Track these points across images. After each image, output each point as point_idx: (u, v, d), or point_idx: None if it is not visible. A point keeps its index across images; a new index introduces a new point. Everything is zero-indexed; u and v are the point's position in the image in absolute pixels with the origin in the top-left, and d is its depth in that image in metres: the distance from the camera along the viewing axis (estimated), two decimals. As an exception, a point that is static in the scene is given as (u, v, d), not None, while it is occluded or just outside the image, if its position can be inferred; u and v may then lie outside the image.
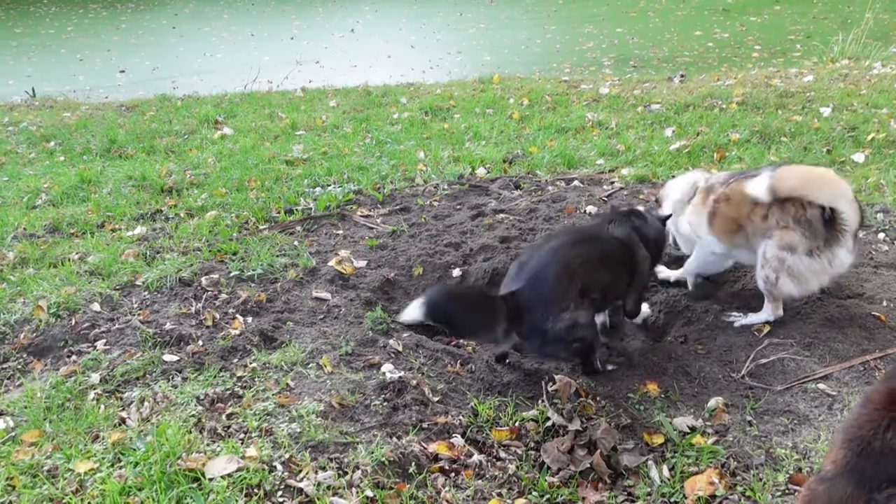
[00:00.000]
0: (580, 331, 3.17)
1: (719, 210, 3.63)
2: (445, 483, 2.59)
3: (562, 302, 3.13)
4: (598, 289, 3.31)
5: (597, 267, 3.32)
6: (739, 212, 3.54)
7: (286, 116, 7.93)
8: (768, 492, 2.50)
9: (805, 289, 3.47)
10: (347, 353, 3.36)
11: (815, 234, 3.33)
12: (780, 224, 3.39)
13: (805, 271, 3.40)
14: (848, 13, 12.62)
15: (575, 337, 3.17)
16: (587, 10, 17.66)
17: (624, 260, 3.47)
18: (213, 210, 5.14)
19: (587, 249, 3.36)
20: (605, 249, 3.43)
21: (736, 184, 3.59)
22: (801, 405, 2.98)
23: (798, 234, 3.35)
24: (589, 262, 3.29)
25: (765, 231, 3.45)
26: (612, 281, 3.43)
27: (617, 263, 3.44)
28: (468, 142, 6.69)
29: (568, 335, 3.15)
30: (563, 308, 3.13)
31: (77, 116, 8.52)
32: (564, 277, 3.17)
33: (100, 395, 3.05)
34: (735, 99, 7.42)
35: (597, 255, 3.37)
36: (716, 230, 3.67)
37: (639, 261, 3.53)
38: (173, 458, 2.56)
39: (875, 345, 3.35)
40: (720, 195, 3.64)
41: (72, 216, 5.13)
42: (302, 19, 18.67)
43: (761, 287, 3.54)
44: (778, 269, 3.42)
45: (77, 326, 3.59)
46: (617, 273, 3.45)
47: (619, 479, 2.64)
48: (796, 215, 3.35)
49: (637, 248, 3.52)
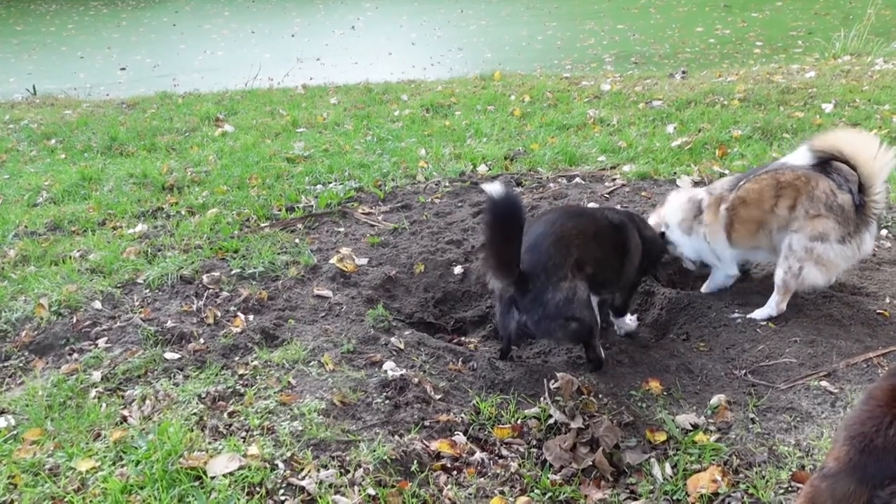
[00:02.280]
0: (579, 308, 3.16)
1: (737, 216, 3.58)
2: (447, 481, 2.58)
3: (559, 271, 3.14)
4: (592, 264, 3.27)
5: (590, 241, 3.31)
6: (761, 208, 3.50)
7: (287, 114, 7.93)
8: (771, 489, 2.49)
9: (831, 277, 3.46)
10: (349, 350, 3.35)
11: (848, 220, 3.32)
12: (810, 213, 3.36)
13: (836, 258, 3.38)
14: (850, 9, 12.60)
15: (573, 314, 3.15)
16: (588, 6, 17.64)
17: (616, 242, 3.46)
18: (215, 208, 5.14)
19: (582, 223, 3.37)
20: (600, 227, 3.43)
21: (749, 184, 3.55)
22: (803, 402, 2.98)
23: (832, 221, 3.32)
24: (584, 234, 3.30)
25: (790, 223, 3.42)
26: (604, 259, 3.39)
27: (610, 244, 3.43)
28: (469, 139, 6.68)
29: (567, 309, 3.13)
30: (561, 277, 3.14)
31: (78, 114, 8.52)
32: (561, 247, 3.18)
33: (101, 393, 3.05)
34: (737, 95, 7.40)
35: (591, 229, 3.37)
36: (736, 239, 3.63)
37: (631, 248, 3.51)
38: (175, 456, 2.56)
39: (878, 342, 3.35)
40: (733, 201, 3.59)
41: (73, 214, 5.12)
42: (303, 16, 18.65)
43: (779, 280, 3.51)
44: (804, 260, 3.40)
45: (78, 324, 3.59)
46: (609, 253, 3.43)
47: (622, 477, 2.63)
48: (828, 202, 3.32)
49: (630, 233, 3.51)
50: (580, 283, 3.18)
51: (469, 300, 4.14)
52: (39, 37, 17.17)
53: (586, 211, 3.61)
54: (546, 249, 3.17)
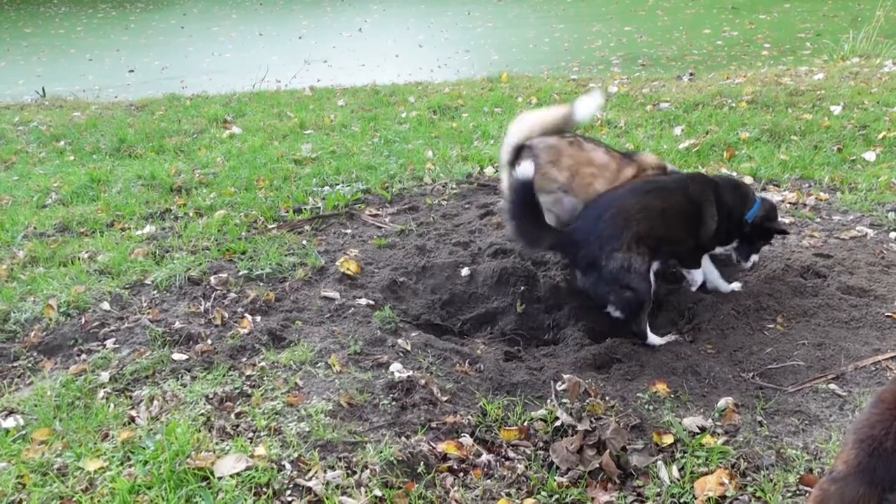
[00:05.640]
0: (633, 278, 3.43)
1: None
2: (454, 483, 2.58)
3: (615, 241, 3.41)
4: (656, 239, 3.51)
5: (656, 217, 3.52)
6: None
7: (294, 115, 7.95)
8: (779, 492, 2.48)
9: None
10: (356, 352, 3.36)
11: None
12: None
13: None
14: (858, 11, 12.55)
15: (627, 283, 3.43)
16: (595, 8, 17.61)
17: (688, 216, 3.60)
18: (222, 209, 5.15)
19: (649, 199, 3.57)
20: (670, 202, 3.59)
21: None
22: (811, 405, 2.97)
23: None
24: (648, 210, 3.51)
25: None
26: (669, 234, 3.58)
27: (681, 219, 3.61)
28: (477, 141, 6.68)
29: (621, 277, 3.42)
30: (616, 248, 3.41)
31: (87, 116, 8.56)
32: (620, 220, 3.45)
33: (109, 393, 3.07)
34: (745, 97, 7.38)
35: (658, 205, 3.56)
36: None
37: (705, 220, 3.63)
38: (182, 456, 2.56)
39: (887, 344, 3.33)
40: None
41: (81, 215, 5.15)
42: (310, 18, 18.70)
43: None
44: None
45: (87, 325, 3.61)
46: (678, 228, 3.62)
47: (629, 480, 2.63)
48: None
49: (707, 207, 3.62)
50: (637, 257, 3.43)
51: (476, 302, 4.14)
52: (48, 39, 17.27)
53: (659, 185, 3.77)
54: (603, 220, 3.47)
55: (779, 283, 3.93)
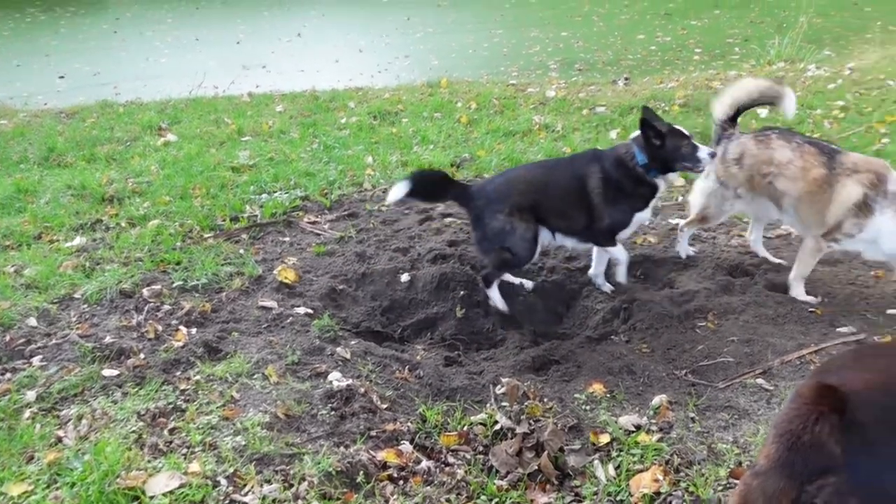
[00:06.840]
0: (514, 240, 3.83)
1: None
2: (394, 491, 2.58)
3: (498, 205, 3.82)
4: (540, 209, 3.87)
5: (540, 190, 3.89)
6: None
7: (232, 122, 7.80)
8: (710, 486, 2.55)
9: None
10: (294, 362, 3.32)
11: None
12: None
13: None
14: (783, 17, 12.98)
15: (508, 244, 3.84)
16: (533, 14, 17.82)
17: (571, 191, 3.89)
18: (156, 219, 5.03)
19: (536, 173, 4.05)
20: (553, 177, 3.96)
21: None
22: (741, 400, 3.06)
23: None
24: (531, 183, 3.91)
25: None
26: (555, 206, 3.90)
27: (563, 193, 3.90)
28: (416, 146, 6.68)
29: (502, 238, 3.83)
30: (499, 211, 3.81)
31: (14, 124, 8.23)
32: (503, 188, 3.90)
33: (35, 413, 2.95)
34: (677, 101, 7.58)
35: (543, 179, 3.95)
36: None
37: (591, 194, 3.87)
38: (112, 477, 2.49)
39: (811, 339, 3.46)
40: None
41: (7, 228, 4.95)
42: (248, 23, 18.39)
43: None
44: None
45: (12, 342, 3.47)
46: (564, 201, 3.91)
47: (567, 480, 2.67)
48: None
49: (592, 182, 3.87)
50: (519, 223, 3.82)
51: (416, 307, 4.14)
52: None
53: (551, 164, 4.44)
54: (493, 187, 3.94)
55: (709, 282, 4.05)
